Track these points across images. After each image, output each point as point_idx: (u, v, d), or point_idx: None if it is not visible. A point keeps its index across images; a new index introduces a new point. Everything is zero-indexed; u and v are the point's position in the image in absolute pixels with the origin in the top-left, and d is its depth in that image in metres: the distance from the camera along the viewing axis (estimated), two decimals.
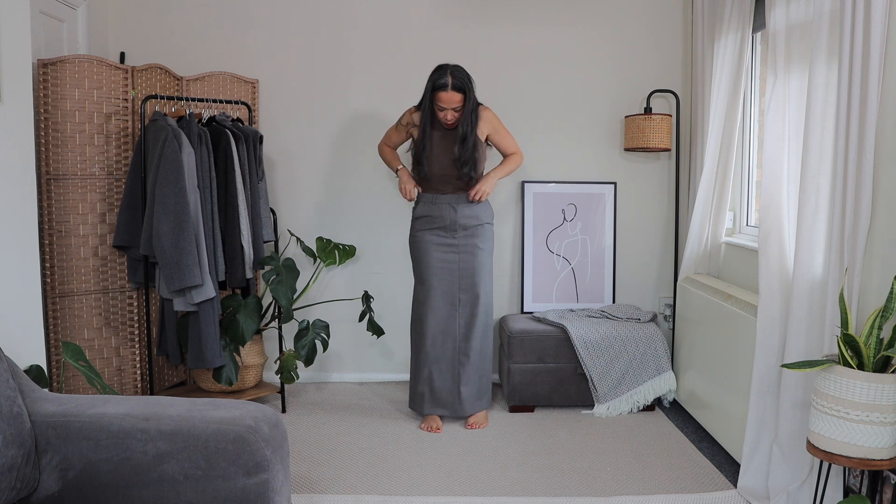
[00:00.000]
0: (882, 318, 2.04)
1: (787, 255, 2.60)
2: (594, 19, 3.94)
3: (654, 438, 3.25)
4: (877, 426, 1.99)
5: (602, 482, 2.80)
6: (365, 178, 4.00)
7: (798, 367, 2.15)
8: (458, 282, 3.34)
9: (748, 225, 3.52)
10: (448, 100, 3.15)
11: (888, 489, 2.16)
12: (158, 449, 1.77)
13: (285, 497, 1.84)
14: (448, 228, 3.33)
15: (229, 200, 3.35)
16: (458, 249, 3.33)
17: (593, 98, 3.98)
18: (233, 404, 1.88)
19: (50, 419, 1.82)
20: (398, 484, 2.78)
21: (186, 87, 3.72)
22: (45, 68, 3.15)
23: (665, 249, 4.05)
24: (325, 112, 3.96)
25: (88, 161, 3.30)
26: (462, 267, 3.34)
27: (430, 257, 3.34)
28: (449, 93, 3.14)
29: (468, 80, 3.18)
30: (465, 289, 3.34)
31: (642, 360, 3.54)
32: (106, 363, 3.41)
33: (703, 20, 3.54)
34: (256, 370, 3.59)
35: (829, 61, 2.33)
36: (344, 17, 3.92)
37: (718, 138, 3.39)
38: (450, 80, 3.13)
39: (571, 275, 3.99)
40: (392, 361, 4.10)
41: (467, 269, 3.34)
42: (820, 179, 2.37)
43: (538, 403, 3.60)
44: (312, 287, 3.92)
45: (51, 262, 3.24)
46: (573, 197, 3.98)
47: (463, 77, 3.16)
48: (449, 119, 3.21)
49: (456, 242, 3.33)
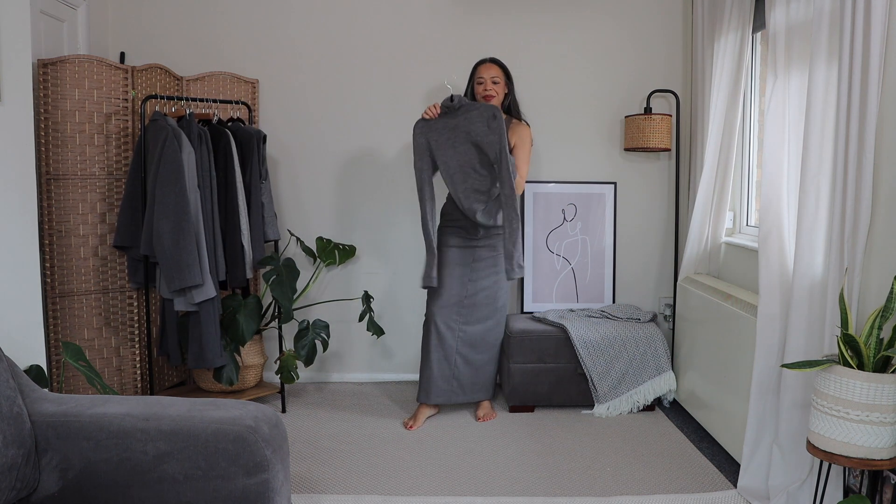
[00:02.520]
0: (882, 318, 2.04)
1: (787, 255, 2.60)
2: (594, 19, 3.94)
3: (654, 438, 3.25)
4: (877, 426, 2.00)
5: (602, 482, 2.80)
6: (365, 178, 3.99)
7: (798, 367, 2.15)
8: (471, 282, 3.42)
9: (748, 225, 3.52)
10: (485, 69, 3.41)
11: (888, 489, 2.16)
12: (158, 449, 1.77)
13: (285, 497, 1.84)
14: (470, 229, 3.41)
15: (229, 200, 3.35)
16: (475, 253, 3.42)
17: (593, 98, 3.98)
18: (233, 404, 1.88)
19: (50, 419, 1.82)
20: (398, 484, 2.78)
21: (186, 87, 3.72)
22: (45, 68, 3.15)
23: (665, 249, 4.06)
24: (325, 112, 3.96)
25: (88, 161, 3.30)
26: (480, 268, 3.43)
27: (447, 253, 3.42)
28: (487, 64, 3.42)
29: (507, 68, 3.47)
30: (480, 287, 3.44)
31: (642, 360, 3.54)
32: (106, 363, 3.41)
33: (703, 20, 3.54)
34: (256, 370, 3.59)
35: (829, 61, 2.33)
36: (344, 16, 3.92)
37: (718, 138, 3.39)
38: (489, 57, 3.47)
39: (571, 275, 3.99)
40: (392, 361, 4.10)
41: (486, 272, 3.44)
42: (820, 179, 2.36)
43: (538, 403, 3.60)
44: (312, 287, 3.92)
45: (51, 262, 3.24)
46: (573, 197, 3.98)
47: (502, 62, 3.46)
48: (488, 89, 3.36)
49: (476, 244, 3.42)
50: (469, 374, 3.47)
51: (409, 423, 3.37)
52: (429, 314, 3.45)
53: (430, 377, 3.42)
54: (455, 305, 3.42)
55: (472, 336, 3.45)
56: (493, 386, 3.57)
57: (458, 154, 3.27)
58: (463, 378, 3.46)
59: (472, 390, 3.49)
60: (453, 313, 3.42)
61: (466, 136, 3.24)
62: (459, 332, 3.43)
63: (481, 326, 3.47)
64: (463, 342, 3.44)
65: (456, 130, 3.26)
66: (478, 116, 3.23)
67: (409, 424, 3.36)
